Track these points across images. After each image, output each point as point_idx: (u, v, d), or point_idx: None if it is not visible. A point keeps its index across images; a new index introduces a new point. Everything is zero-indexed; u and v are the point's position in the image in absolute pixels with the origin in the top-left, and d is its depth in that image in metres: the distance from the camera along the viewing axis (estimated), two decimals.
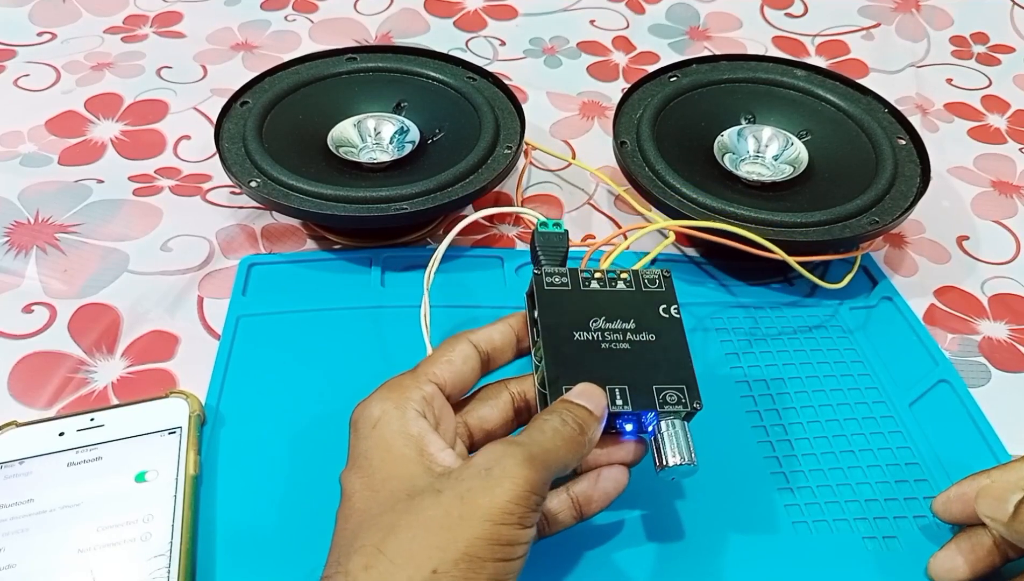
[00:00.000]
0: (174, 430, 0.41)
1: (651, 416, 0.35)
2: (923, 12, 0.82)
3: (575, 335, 0.36)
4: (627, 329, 0.37)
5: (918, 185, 0.52)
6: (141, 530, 0.37)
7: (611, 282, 0.38)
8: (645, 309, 0.38)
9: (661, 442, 0.35)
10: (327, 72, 0.58)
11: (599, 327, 0.37)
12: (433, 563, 0.28)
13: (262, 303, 0.50)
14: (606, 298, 0.38)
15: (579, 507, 0.36)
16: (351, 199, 0.49)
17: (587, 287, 0.38)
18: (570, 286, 0.38)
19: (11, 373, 0.45)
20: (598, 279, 0.38)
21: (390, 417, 0.33)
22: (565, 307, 0.37)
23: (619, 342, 0.36)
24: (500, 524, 0.29)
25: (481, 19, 0.79)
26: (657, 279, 0.39)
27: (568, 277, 0.38)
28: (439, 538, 0.29)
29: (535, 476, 0.30)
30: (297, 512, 0.39)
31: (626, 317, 0.37)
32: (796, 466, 0.43)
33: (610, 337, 0.36)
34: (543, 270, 0.38)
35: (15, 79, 0.67)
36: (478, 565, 0.29)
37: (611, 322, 0.37)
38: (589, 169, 0.61)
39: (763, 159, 0.57)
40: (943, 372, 0.48)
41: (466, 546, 0.29)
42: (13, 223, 0.54)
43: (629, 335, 0.37)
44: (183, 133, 0.63)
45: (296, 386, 0.45)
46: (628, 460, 0.36)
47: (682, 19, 0.80)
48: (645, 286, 0.39)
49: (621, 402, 0.35)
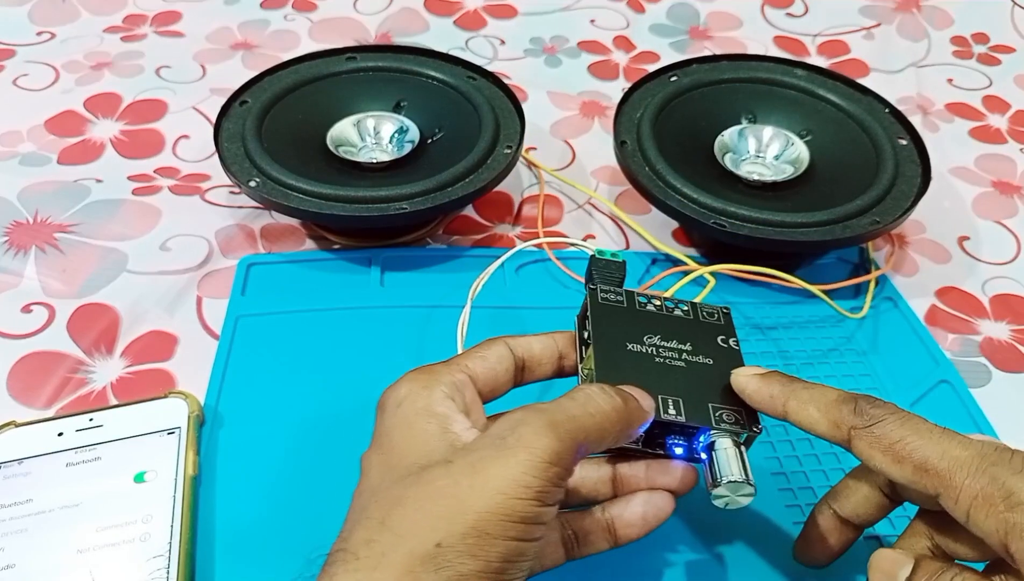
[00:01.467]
0: (173, 430, 0.41)
1: (703, 441, 0.33)
2: (923, 12, 0.82)
3: (628, 346, 0.35)
4: (683, 349, 0.35)
5: (919, 185, 0.52)
6: (140, 530, 0.37)
7: (668, 309, 0.37)
8: (703, 336, 0.36)
9: (715, 458, 0.32)
10: (327, 71, 0.58)
11: (654, 343, 0.35)
12: (438, 536, 0.26)
13: (261, 303, 0.50)
14: (662, 320, 0.36)
15: (614, 531, 0.33)
16: (351, 199, 0.49)
17: (643, 308, 0.37)
18: (625, 304, 0.37)
19: (10, 373, 0.45)
20: (655, 304, 0.37)
21: (416, 396, 0.31)
22: (618, 321, 0.36)
23: (674, 359, 0.35)
24: (514, 497, 0.27)
25: (481, 18, 0.79)
26: (716, 314, 0.37)
27: (624, 296, 0.37)
28: (446, 509, 0.27)
29: (556, 446, 0.27)
30: (297, 512, 0.39)
31: (683, 339, 0.36)
32: (797, 467, 0.43)
33: (665, 354, 0.35)
34: (598, 286, 0.37)
35: (14, 79, 0.67)
36: (487, 542, 0.26)
37: (667, 341, 0.35)
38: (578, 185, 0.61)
39: (764, 159, 0.56)
40: (944, 372, 0.48)
41: (475, 520, 0.26)
42: (12, 223, 0.54)
43: (685, 355, 0.35)
44: (182, 133, 0.63)
45: (295, 386, 0.45)
46: (675, 487, 0.34)
47: (683, 19, 0.80)
48: (703, 318, 0.37)
49: (674, 412, 0.32)
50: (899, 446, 0.29)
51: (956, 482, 0.28)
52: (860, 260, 0.55)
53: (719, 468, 0.32)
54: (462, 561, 0.26)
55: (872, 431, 0.30)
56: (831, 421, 0.31)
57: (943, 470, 0.28)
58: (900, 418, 0.30)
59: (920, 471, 0.29)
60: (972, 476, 0.28)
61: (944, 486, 0.28)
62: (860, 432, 0.30)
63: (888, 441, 0.29)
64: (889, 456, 0.29)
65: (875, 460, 0.30)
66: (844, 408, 0.31)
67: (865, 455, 0.30)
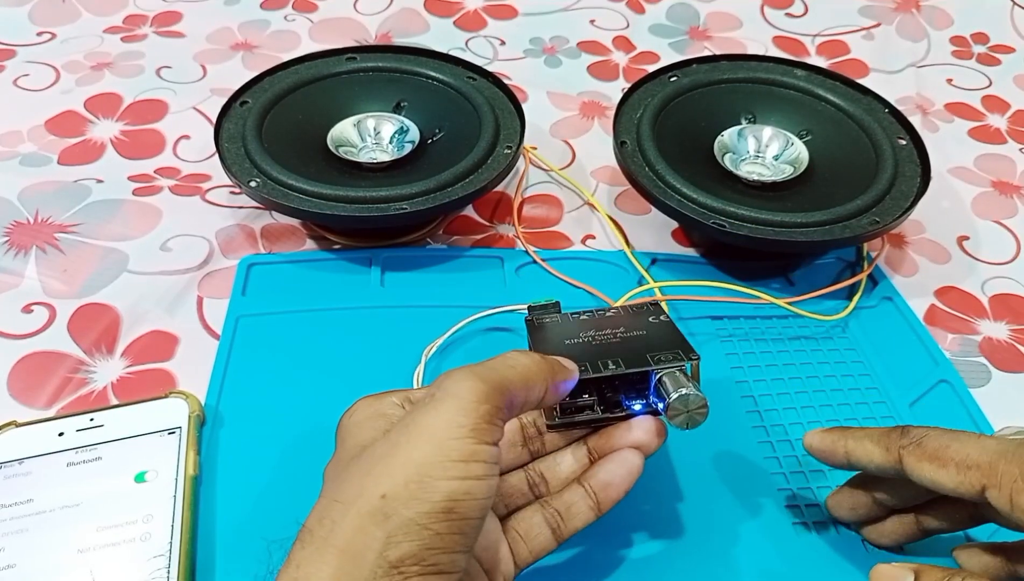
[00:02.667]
0: (174, 430, 0.41)
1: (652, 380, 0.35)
2: (923, 12, 0.82)
3: (566, 341, 0.38)
4: (617, 332, 0.38)
5: (918, 185, 0.52)
6: (141, 530, 0.37)
7: (600, 313, 0.41)
8: (635, 320, 0.39)
9: (664, 386, 0.34)
10: (327, 72, 0.58)
11: (590, 334, 0.38)
12: (381, 488, 0.27)
13: (262, 303, 0.50)
14: (596, 321, 0.40)
15: (594, 496, 0.35)
16: (351, 199, 0.49)
17: (576, 318, 0.40)
18: (560, 320, 0.40)
19: (10, 373, 0.45)
20: (588, 313, 0.41)
21: (367, 405, 0.33)
22: (555, 329, 0.39)
23: (610, 339, 0.38)
24: (448, 438, 0.28)
25: (481, 19, 0.79)
26: (645, 306, 0.41)
27: (558, 315, 0.41)
28: (386, 466, 0.28)
29: (481, 387, 0.29)
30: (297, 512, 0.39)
31: (616, 327, 0.39)
32: (796, 467, 0.43)
33: (600, 338, 0.38)
34: (534, 315, 0.41)
35: (15, 79, 0.67)
36: (429, 484, 0.27)
37: (600, 331, 0.38)
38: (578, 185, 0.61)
39: (763, 159, 0.57)
40: (943, 372, 0.48)
41: (415, 468, 0.27)
42: (13, 223, 0.54)
43: (620, 334, 0.38)
44: (183, 133, 0.63)
45: (296, 386, 0.45)
46: (641, 440, 0.35)
47: (682, 19, 0.80)
48: (634, 311, 0.41)
49: (613, 366, 0.35)
50: (942, 451, 0.32)
51: (999, 469, 0.31)
52: (857, 259, 0.55)
53: (669, 390, 0.34)
54: (407, 506, 0.27)
55: (918, 445, 0.33)
56: (884, 447, 0.34)
57: (984, 462, 0.31)
58: (941, 431, 0.34)
59: (964, 468, 0.32)
60: (1011, 462, 0.31)
61: (988, 475, 0.31)
62: (908, 449, 0.33)
63: (932, 449, 0.33)
64: (936, 463, 0.32)
65: (924, 471, 0.33)
66: (893, 434, 0.34)
67: (915, 468, 0.33)
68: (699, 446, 0.43)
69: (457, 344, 0.48)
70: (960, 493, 0.32)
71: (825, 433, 0.37)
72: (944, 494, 0.33)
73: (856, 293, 0.52)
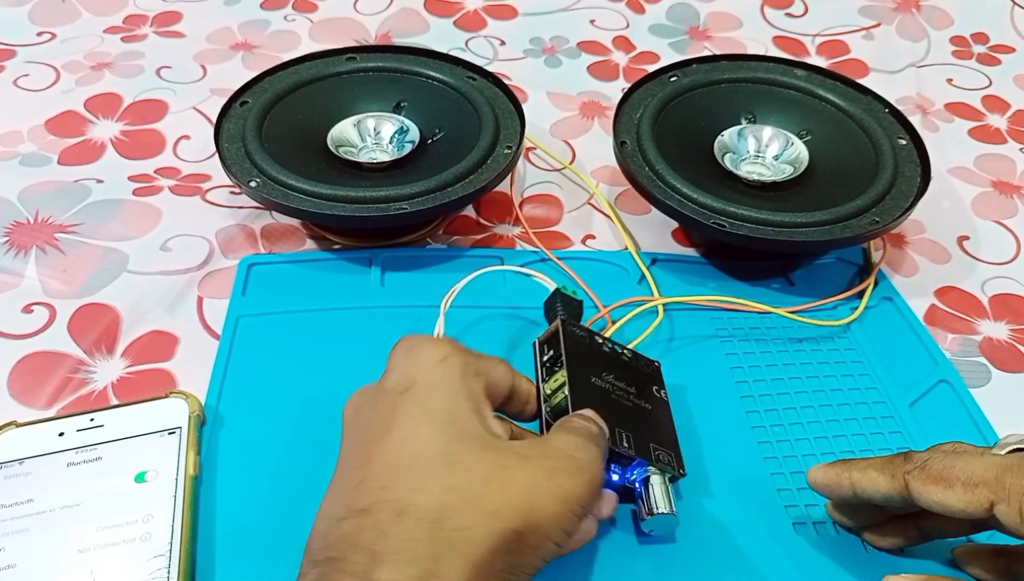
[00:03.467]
0: (174, 430, 0.41)
1: (639, 474, 0.38)
2: (923, 12, 0.82)
3: (592, 379, 0.39)
4: (630, 391, 0.40)
5: (918, 185, 0.52)
6: (141, 530, 0.37)
7: (617, 352, 0.42)
8: (643, 382, 0.42)
9: (651, 492, 0.37)
10: (327, 72, 0.58)
11: (610, 380, 0.40)
12: (515, 523, 0.29)
13: (262, 303, 0.50)
14: (614, 361, 0.42)
15: None
16: (351, 199, 0.49)
17: (600, 347, 0.42)
18: (588, 340, 0.42)
19: (11, 373, 0.45)
20: (608, 345, 0.42)
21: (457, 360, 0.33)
22: (585, 355, 0.40)
23: (624, 399, 0.40)
24: (572, 512, 0.30)
25: (481, 19, 0.79)
26: (650, 366, 0.43)
27: (587, 332, 0.42)
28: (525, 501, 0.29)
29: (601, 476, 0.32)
30: (297, 512, 0.39)
31: (630, 382, 0.41)
32: (796, 466, 0.43)
33: (618, 392, 0.40)
34: (568, 319, 0.42)
35: (15, 79, 0.67)
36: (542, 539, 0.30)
37: (619, 381, 0.40)
38: (584, 178, 0.61)
39: (763, 159, 0.57)
40: (943, 372, 0.48)
41: (544, 519, 0.30)
42: (13, 223, 0.54)
43: (632, 397, 0.40)
44: (183, 133, 0.63)
45: (296, 386, 0.45)
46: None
47: (682, 19, 0.80)
48: (642, 367, 0.43)
49: (627, 445, 0.37)
50: (947, 471, 0.32)
51: (1006, 482, 0.31)
52: (864, 264, 0.55)
53: (654, 501, 0.37)
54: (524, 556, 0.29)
55: (923, 469, 0.33)
56: (889, 475, 0.34)
57: (991, 478, 0.31)
58: (944, 452, 0.34)
59: (970, 487, 0.32)
60: (1017, 475, 0.31)
61: (995, 490, 0.31)
62: (913, 473, 0.33)
63: (936, 471, 0.33)
64: (942, 484, 0.32)
65: (931, 494, 0.32)
66: (896, 460, 0.34)
67: (922, 493, 0.33)
68: (699, 446, 0.43)
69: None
70: (969, 513, 0.32)
71: (828, 467, 0.37)
72: (953, 516, 0.32)
73: (864, 297, 0.52)
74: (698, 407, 0.45)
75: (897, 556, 0.39)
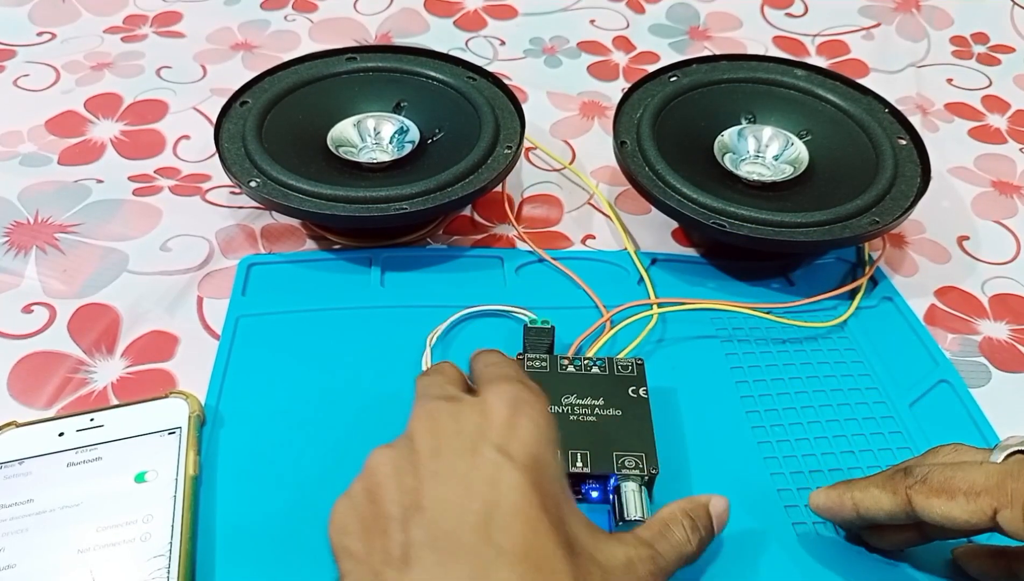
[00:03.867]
0: (174, 430, 0.41)
1: (612, 483, 0.39)
2: (923, 12, 0.82)
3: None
4: (595, 404, 0.41)
5: (918, 185, 0.52)
6: (141, 530, 0.37)
7: (587, 368, 0.43)
8: (615, 389, 0.42)
9: (622, 500, 0.38)
10: (327, 72, 0.58)
11: (570, 402, 0.41)
12: None
13: (262, 303, 0.50)
14: (580, 380, 0.42)
15: None
16: (351, 199, 0.49)
17: (563, 370, 0.43)
18: (548, 369, 0.43)
19: (11, 373, 0.45)
20: (575, 365, 0.43)
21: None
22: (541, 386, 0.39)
23: (587, 415, 0.41)
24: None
25: (481, 19, 0.79)
26: (631, 366, 0.43)
27: (547, 362, 0.43)
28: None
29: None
30: (297, 512, 0.39)
31: (596, 394, 0.42)
32: (796, 467, 0.43)
33: (579, 411, 0.41)
34: (525, 356, 0.44)
35: (15, 79, 0.67)
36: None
37: (582, 399, 0.41)
38: (583, 177, 0.61)
39: (763, 159, 0.56)
40: (943, 372, 0.48)
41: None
42: (13, 223, 0.54)
43: (597, 410, 0.41)
44: (183, 133, 0.63)
45: (296, 386, 0.45)
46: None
47: (682, 19, 0.80)
48: (618, 371, 0.43)
49: (581, 464, 0.38)
50: (948, 483, 0.32)
51: (1007, 488, 0.31)
52: (859, 261, 0.55)
53: (625, 508, 0.37)
54: None
55: (923, 482, 0.33)
56: (891, 491, 0.34)
57: (992, 485, 0.31)
58: (943, 464, 0.34)
59: (972, 496, 0.31)
60: (1018, 480, 0.31)
61: (997, 497, 0.31)
62: (915, 487, 0.33)
63: (938, 483, 0.32)
64: (944, 496, 0.32)
65: (935, 508, 0.32)
66: (896, 476, 0.34)
67: (926, 507, 0.33)
68: (699, 447, 0.43)
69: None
70: (973, 524, 0.31)
71: (829, 490, 0.37)
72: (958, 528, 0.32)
73: (857, 296, 0.52)
74: (698, 408, 0.45)
75: (897, 557, 0.39)
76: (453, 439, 0.30)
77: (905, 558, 0.39)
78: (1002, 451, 0.33)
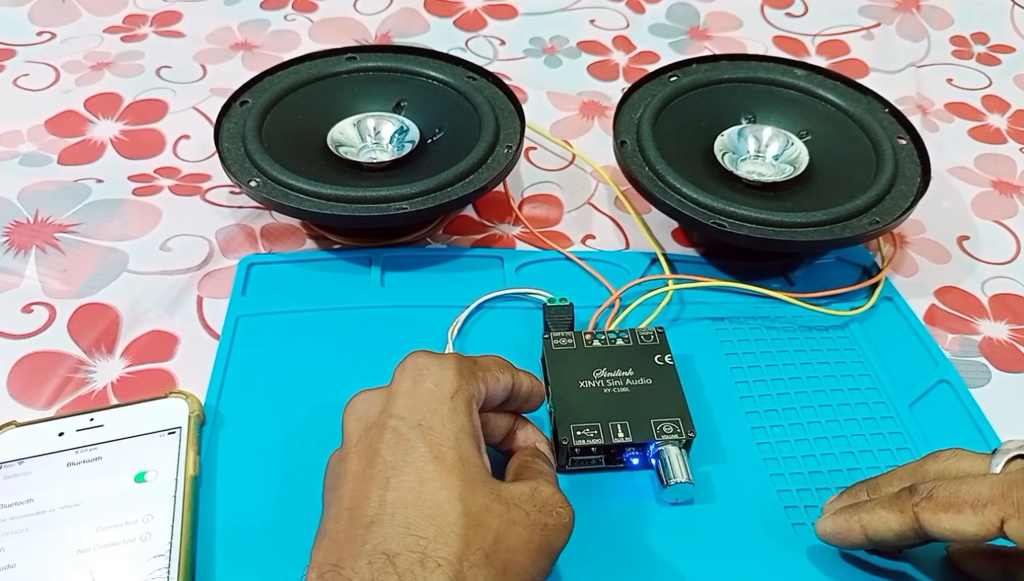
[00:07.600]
0: (174, 430, 0.41)
1: (653, 450, 0.40)
2: (923, 12, 0.82)
3: (580, 384, 0.42)
4: (626, 375, 0.42)
5: (918, 185, 0.52)
6: (141, 530, 0.37)
7: (611, 341, 0.44)
8: (642, 359, 0.43)
9: (664, 464, 0.39)
10: (327, 72, 0.58)
11: (601, 376, 0.42)
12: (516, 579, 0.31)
13: (262, 303, 0.50)
14: (607, 353, 0.44)
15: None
16: (351, 199, 0.49)
17: (589, 345, 0.44)
18: (575, 346, 0.44)
19: (10, 373, 0.45)
20: (600, 338, 0.44)
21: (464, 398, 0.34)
22: (570, 363, 0.43)
23: (620, 387, 0.42)
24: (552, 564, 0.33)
25: (481, 19, 0.79)
26: (652, 335, 0.45)
27: (573, 339, 0.44)
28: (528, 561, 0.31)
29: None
30: (297, 512, 0.39)
31: (625, 366, 0.43)
32: (796, 467, 0.43)
33: (611, 383, 0.42)
34: (551, 335, 0.44)
35: (14, 79, 0.67)
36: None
37: (612, 371, 0.43)
38: (592, 163, 0.61)
39: (763, 159, 0.56)
40: (943, 372, 0.48)
41: (537, 573, 0.32)
42: (12, 223, 0.54)
43: (628, 381, 0.42)
44: (182, 133, 0.63)
45: (296, 386, 0.45)
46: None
47: (682, 19, 0.80)
48: (641, 341, 0.44)
49: (623, 435, 0.40)
50: (953, 497, 0.32)
51: (1013, 497, 0.31)
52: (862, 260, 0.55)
53: (670, 471, 0.39)
54: None
55: (930, 499, 0.33)
56: (898, 511, 0.34)
57: (997, 495, 0.31)
58: (948, 479, 0.34)
59: (979, 508, 0.31)
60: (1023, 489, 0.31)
61: (1003, 507, 0.31)
62: (921, 504, 0.33)
63: (944, 498, 0.32)
64: (951, 511, 0.32)
65: (943, 523, 0.32)
66: (902, 495, 0.34)
67: (934, 524, 0.32)
68: (699, 446, 0.43)
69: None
70: (982, 536, 0.31)
71: (836, 516, 0.37)
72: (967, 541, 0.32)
73: (874, 294, 0.52)
74: (697, 408, 0.45)
75: (897, 557, 0.39)
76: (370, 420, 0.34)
77: (904, 558, 0.39)
78: (1002, 456, 0.33)
